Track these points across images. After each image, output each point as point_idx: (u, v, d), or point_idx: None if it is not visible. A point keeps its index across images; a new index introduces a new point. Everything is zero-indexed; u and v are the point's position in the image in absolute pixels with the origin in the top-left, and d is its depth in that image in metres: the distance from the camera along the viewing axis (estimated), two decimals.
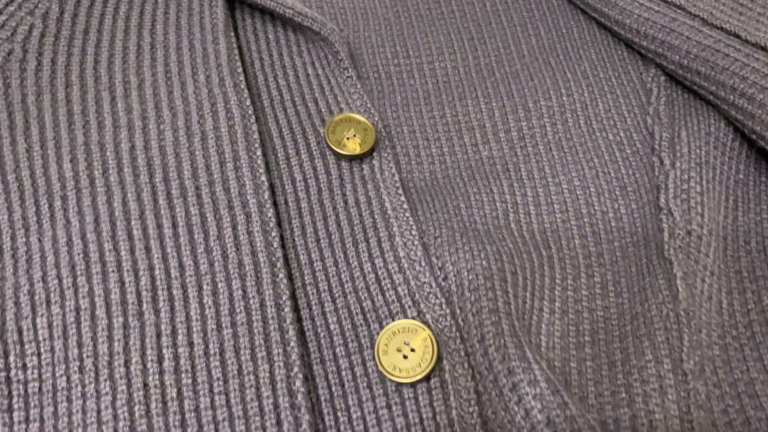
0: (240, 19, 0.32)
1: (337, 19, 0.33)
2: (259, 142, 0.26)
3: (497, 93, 0.30)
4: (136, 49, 0.29)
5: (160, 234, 0.24)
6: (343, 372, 0.23)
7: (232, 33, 0.30)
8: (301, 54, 0.31)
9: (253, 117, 0.27)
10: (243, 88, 0.28)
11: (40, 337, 0.22)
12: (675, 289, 0.24)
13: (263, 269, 0.24)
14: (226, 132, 0.26)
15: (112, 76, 0.28)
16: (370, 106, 0.28)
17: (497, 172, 0.28)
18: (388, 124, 0.29)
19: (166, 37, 0.29)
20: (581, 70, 0.31)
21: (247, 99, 0.27)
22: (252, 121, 0.27)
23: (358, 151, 0.27)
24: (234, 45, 0.29)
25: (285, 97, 0.29)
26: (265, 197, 0.25)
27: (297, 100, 0.29)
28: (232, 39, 0.29)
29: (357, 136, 0.27)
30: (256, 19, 0.32)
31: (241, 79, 0.28)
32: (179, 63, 0.28)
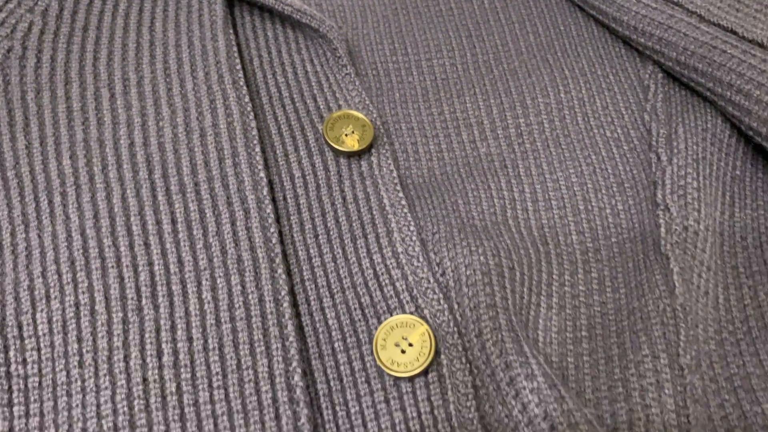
0: (239, 16, 0.32)
1: (335, 17, 0.33)
2: (257, 138, 0.26)
3: (495, 90, 0.30)
4: (136, 46, 0.29)
5: (159, 230, 0.24)
6: (342, 367, 0.23)
7: (231, 30, 0.30)
8: (300, 51, 0.31)
9: (252, 114, 0.27)
10: (242, 85, 0.28)
11: (40, 332, 0.22)
12: (672, 285, 0.24)
13: (262, 265, 0.24)
14: (224, 129, 0.26)
15: (111, 73, 0.28)
16: (368, 103, 0.28)
17: (495, 169, 0.28)
18: (386, 120, 0.29)
19: (165, 35, 0.29)
20: (579, 67, 0.31)
21: (245, 96, 0.27)
22: (251, 117, 0.27)
23: (357, 147, 0.27)
24: (233, 42, 0.29)
25: (284, 94, 0.29)
26: (264, 193, 0.25)
27: (296, 97, 0.29)
28: (231, 36, 0.30)
29: (355, 132, 0.27)
30: (255, 17, 0.32)
31: (240, 76, 0.28)
32: (178, 60, 0.28)
